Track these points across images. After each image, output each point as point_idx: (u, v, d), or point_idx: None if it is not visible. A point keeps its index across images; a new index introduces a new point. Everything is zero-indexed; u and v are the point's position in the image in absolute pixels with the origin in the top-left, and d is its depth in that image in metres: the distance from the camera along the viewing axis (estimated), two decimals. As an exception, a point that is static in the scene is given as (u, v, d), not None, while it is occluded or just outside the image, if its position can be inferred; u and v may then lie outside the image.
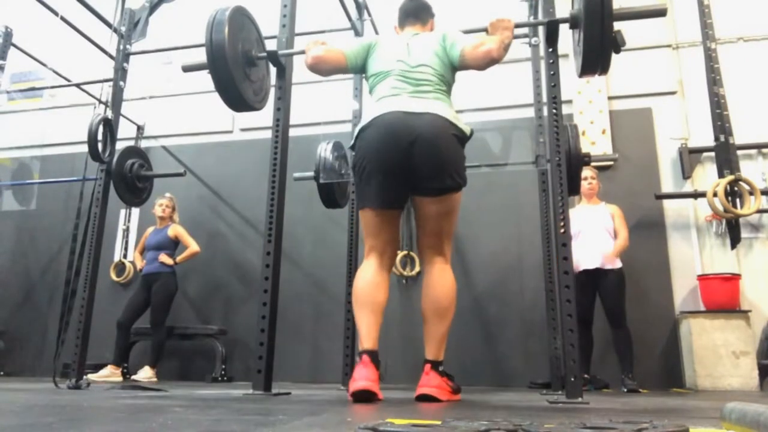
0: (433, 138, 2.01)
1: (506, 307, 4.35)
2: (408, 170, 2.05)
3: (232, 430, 0.97)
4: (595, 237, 3.87)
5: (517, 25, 2.38)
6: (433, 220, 2.17)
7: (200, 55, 2.66)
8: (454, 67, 2.23)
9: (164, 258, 4.53)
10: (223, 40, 2.49)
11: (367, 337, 2.08)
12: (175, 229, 4.69)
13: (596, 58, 2.28)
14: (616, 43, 2.20)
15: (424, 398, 2.00)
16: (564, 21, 2.46)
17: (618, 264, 3.83)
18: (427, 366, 2.13)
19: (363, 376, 1.91)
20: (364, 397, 1.87)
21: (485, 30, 2.27)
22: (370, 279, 2.16)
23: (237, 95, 2.58)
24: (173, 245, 4.66)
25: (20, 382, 3.68)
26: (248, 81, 2.66)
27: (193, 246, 4.65)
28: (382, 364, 2.11)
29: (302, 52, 2.44)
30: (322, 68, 2.31)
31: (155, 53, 4.68)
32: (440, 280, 2.23)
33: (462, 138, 2.13)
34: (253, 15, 2.76)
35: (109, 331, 4.40)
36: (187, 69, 2.85)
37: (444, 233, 2.21)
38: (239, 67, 2.58)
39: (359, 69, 2.33)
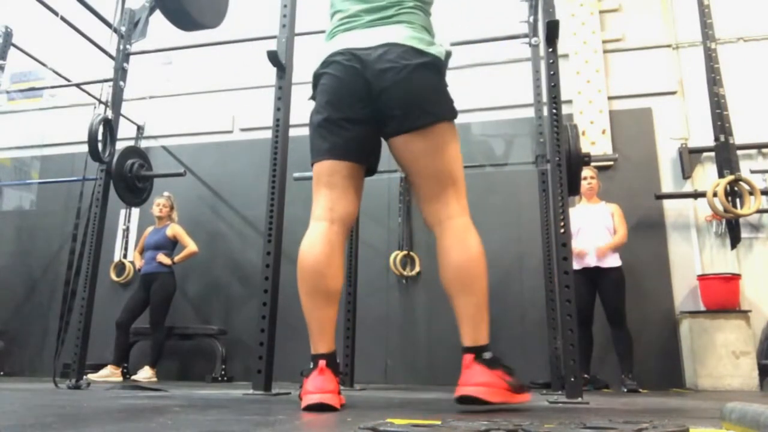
0: (389, 78, 1.64)
1: (506, 307, 4.35)
2: (371, 120, 1.71)
3: (232, 430, 0.97)
4: (595, 235, 3.87)
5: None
6: (422, 160, 1.68)
7: (200, 55, 2.65)
8: None
9: (162, 258, 4.53)
10: None
11: (321, 336, 1.58)
12: (173, 229, 4.69)
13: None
14: None
15: (468, 401, 1.47)
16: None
17: (617, 263, 3.83)
18: (467, 357, 1.53)
19: (318, 387, 1.48)
20: (320, 410, 1.46)
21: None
22: (318, 251, 1.63)
23: (176, 5, 2.25)
24: (172, 245, 4.66)
25: (20, 382, 3.68)
26: None
27: (191, 246, 4.65)
28: (381, 364, 1.95)
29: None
30: None
31: (155, 53, 4.68)
32: (455, 240, 1.64)
33: (435, 64, 1.71)
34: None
35: (109, 331, 4.40)
36: None
37: (444, 175, 1.69)
38: None
39: None
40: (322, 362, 1.54)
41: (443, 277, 1.64)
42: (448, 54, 1.79)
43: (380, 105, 1.67)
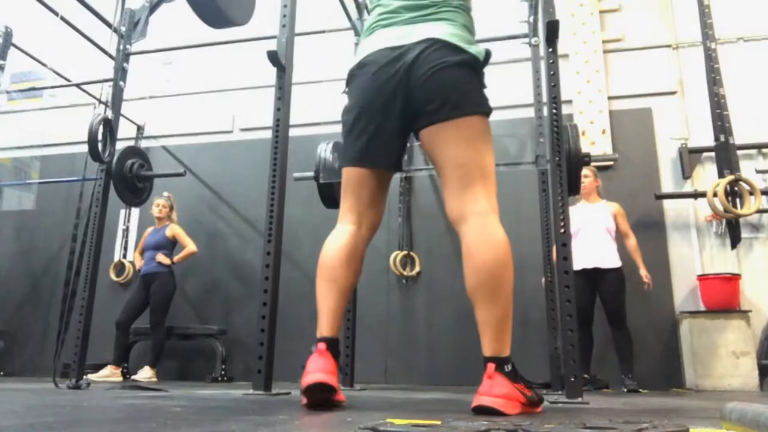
0: (426, 74, 1.61)
1: (506, 307, 4.34)
2: (403, 122, 1.69)
3: (232, 430, 0.97)
4: (594, 236, 3.87)
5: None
6: (452, 148, 1.63)
7: (200, 55, 2.63)
8: None
9: (161, 258, 4.54)
10: None
11: (328, 322, 1.63)
12: (172, 229, 4.69)
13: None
14: None
15: (484, 411, 1.42)
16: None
17: (617, 264, 3.83)
18: (489, 366, 1.46)
19: (318, 368, 1.50)
20: (319, 396, 1.50)
21: None
22: (342, 248, 1.68)
23: (209, 6, 2.22)
24: (171, 245, 4.66)
25: (20, 382, 3.68)
26: None
27: (190, 246, 4.65)
28: (381, 364, 1.95)
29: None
30: None
31: (155, 53, 4.68)
32: (480, 239, 1.55)
33: (473, 62, 1.67)
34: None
35: (109, 331, 4.40)
36: None
37: (473, 167, 1.62)
38: None
39: None
40: (321, 345, 1.56)
41: (467, 281, 1.55)
42: (488, 53, 1.74)
43: (414, 102, 1.64)
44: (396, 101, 1.65)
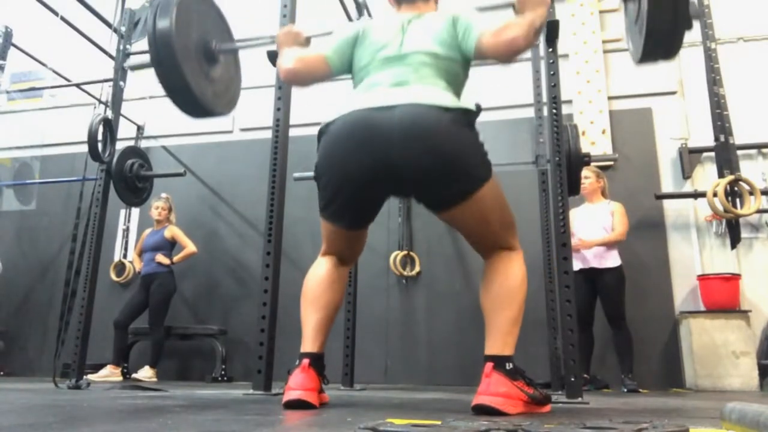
0: (414, 137, 1.48)
1: (506, 307, 4.34)
2: (388, 185, 1.59)
3: (232, 430, 0.97)
4: (591, 236, 3.87)
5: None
6: (470, 227, 1.63)
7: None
8: (467, 60, 1.71)
9: (161, 258, 4.53)
10: (169, 27, 2.02)
11: (310, 337, 1.63)
12: (171, 230, 4.69)
13: (665, 35, 1.76)
14: (689, 17, 1.72)
15: (484, 410, 1.40)
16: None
17: (616, 263, 3.82)
18: (488, 365, 1.46)
19: (298, 384, 1.53)
20: (299, 406, 1.51)
21: (512, 5, 1.74)
22: (322, 278, 1.71)
23: (188, 97, 2.14)
24: (170, 246, 4.66)
25: (20, 382, 3.68)
26: (206, 80, 2.23)
27: (189, 246, 4.65)
28: (381, 364, 1.97)
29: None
30: (299, 82, 1.87)
31: (155, 53, 4.67)
32: (499, 272, 1.63)
33: (466, 118, 1.57)
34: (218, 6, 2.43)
35: (109, 331, 4.40)
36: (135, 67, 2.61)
37: (495, 232, 1.63)
38: (192, 62, 2.13)
39: (348, 69, 1.81)
40: (305, 360, 1.59)
41: (482, 299, 1.63)
42: (478, 107, 1.61)
43: (405, 167, 1.51)
44: (379, 165, 1.52)
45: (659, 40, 1.77)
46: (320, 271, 1.73)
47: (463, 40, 1.67)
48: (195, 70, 2.15)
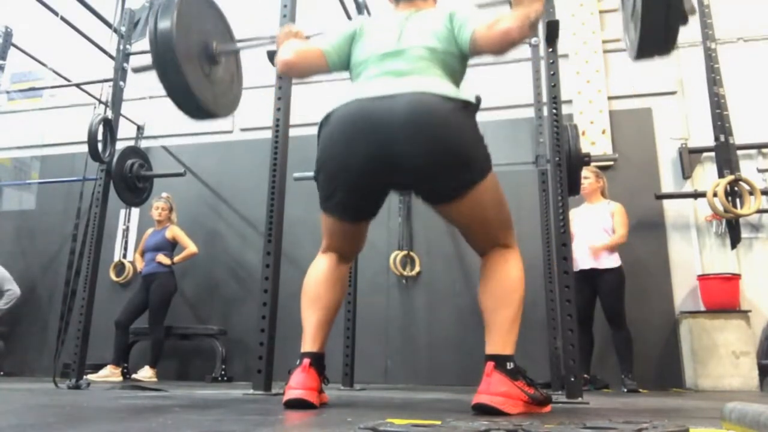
0: (417, 125, 1.48)
1: (506, 307, 4.34)
2: (389, 175, 1.58)
3: (232, 430, 0.97)
4: (591, 236, 3.87)
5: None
6: (468, 223, 1.63)
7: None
8: (463, 55, 1.71)
9: (161, 258, 4.53)
10: (170, 28, 2.03)
11: (311, 337, 1.64)
12: (172, 231, 4.68)
13: (660, 30, 1.76)
14: (683, 11, 1.73)
15: (484, 409, 1.40)
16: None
17: (616, 263, 3.82)
18: (489, 365, 1.46)
19: (299, 383, 1.55)
20: (299, 405, 1.52)
21: (508, 1, 1.74)
22: (323, 276, 1.71)
23: (189, 98, 2.15)
24: (171, 246, 4.66)
25: (20, 382, 3.68)
26: (207, 81, 2.25)
27: (191, 247, 4.65)
28: (382, 364, 1.96)
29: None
30: (295, 74, 1.92)
31: (155, 53, 4.67)
32: (496, 271, 1.62)
33: (467, 109, 1.57)
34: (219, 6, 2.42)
35: (109, 331, 4.40)
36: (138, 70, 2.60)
37: (493, 229, 1.63)
38: (193, 63, 2.15)
39: (345, 65, 1.82)
40: (306, 360, 1.60)
41: (480, 297, 1.63)
42: (479, 99, 1.62)
43: (404, 157, 1.51)
44: (380, 155, 1.53)
45: (654, 34, 1.77)
46: (321, 270, 1.72)
47: (458, 34, 1.68)
48: (196, 71, 2.17)
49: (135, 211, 5.37)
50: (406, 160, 1.52)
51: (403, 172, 1.55)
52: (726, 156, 3.87)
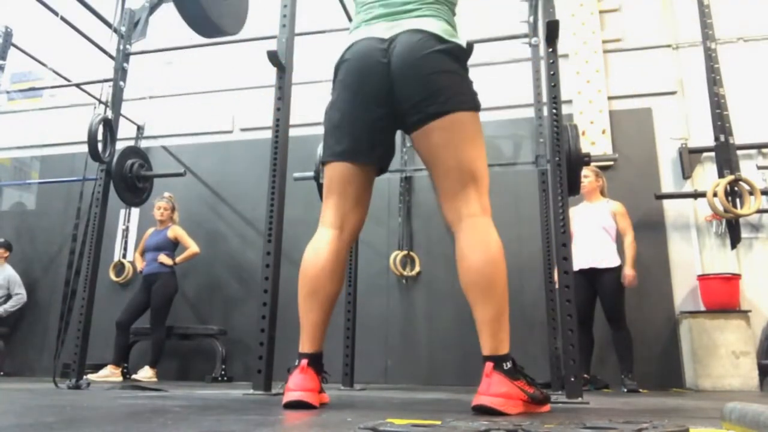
0: (408, 62, 1.60)
1: (506, 307, 4.34)
2: (390, 115, 1.68)
3: (232, 430, 0.97)
4: (590, 236, 3.87)
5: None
6: (441, 152, 1.62)
7: (200, 55, 2.60)
8: None
9: (163, 258, 4.53)
10: None
11: (310, 337, 1.63)
12: (174, 231, 4.68)
13: None
14: None
15: (484, 410, 1.40)
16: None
17: (616, 263, 3.82)
18: (488, 365, 1.46)
19: (298, 385, 1.54)
20: (299, 407, 1.52)
21: None
22: (322, 262, 1.67)
23: (197, 11, 2.18)
24: (173, 246, 4.66)
25: (20, 382, 3.68)
26: None
27: (192, 247, 4.65)
28: (382, 364, 1.94)
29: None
30: None
31: (155, 53, 4.68)
32: (474, 241, 1.58)
33: (455, 51, 1.66)
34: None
35: (109, 331, 4.40)
36: None
37: (464, 171, 1.61)
38: None
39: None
40: (304, 361, 1.59)
41: (462, 281, 1.60)
42: (470, 46, 1.72)
43: (399, 93, 1.63)
44: (381, 92, 1.64)
45: None
46: (321, 254, 1.68)
47: None
48: None
49: (135, 211, 5.37)
50: (397, 92, 1.63)
51: (396, 102, 1.64)
52: (726, 156, 3.87)
